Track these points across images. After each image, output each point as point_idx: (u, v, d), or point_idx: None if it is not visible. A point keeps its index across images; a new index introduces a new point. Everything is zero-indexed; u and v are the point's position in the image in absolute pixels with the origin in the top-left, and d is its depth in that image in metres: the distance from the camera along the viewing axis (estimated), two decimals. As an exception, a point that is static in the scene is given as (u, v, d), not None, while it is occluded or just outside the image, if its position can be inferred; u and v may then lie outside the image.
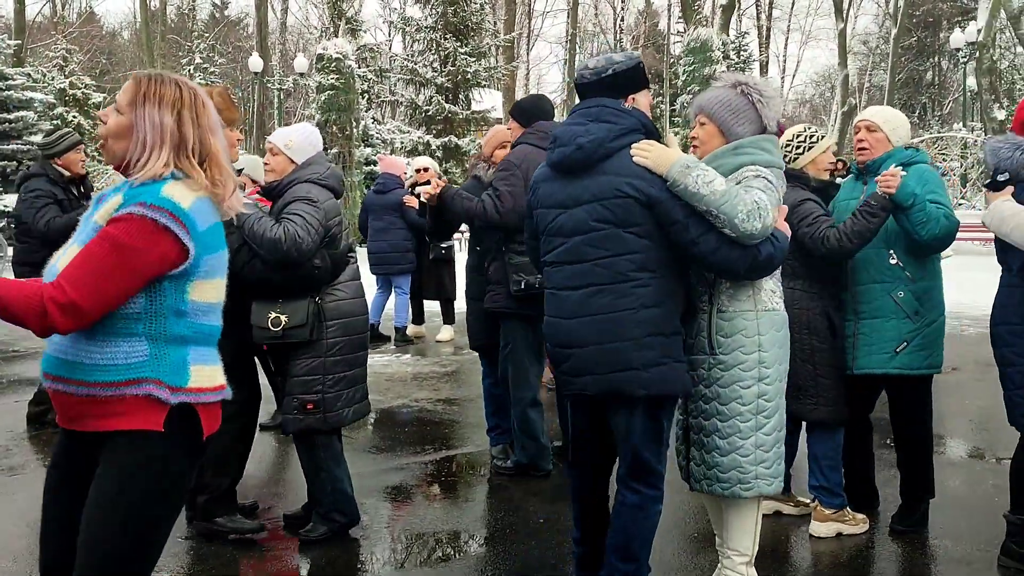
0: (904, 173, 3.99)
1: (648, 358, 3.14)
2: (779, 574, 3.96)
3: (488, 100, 26.06)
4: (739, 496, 3.36)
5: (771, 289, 3.37)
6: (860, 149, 4.29)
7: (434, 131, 24.06)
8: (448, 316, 10.25)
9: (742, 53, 38.31)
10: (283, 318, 4.03)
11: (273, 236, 3.91)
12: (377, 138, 23.57)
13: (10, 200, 16.02)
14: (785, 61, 55.05)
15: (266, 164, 4.32)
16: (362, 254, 22.97)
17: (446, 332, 10.16)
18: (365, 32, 29.52)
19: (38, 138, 21.61)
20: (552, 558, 4.13)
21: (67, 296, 2.13)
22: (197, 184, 2.33)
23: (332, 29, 27.41)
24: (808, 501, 4.50)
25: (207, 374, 2.41)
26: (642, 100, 3.46)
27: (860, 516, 4.39)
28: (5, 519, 4.66)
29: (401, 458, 5.77)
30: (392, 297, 10.10)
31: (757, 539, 3.50)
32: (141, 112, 2.34)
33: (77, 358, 2.27)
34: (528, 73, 49.40)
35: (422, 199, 9.52)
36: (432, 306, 10.52)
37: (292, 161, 4.20)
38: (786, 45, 54.99)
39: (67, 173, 6.19)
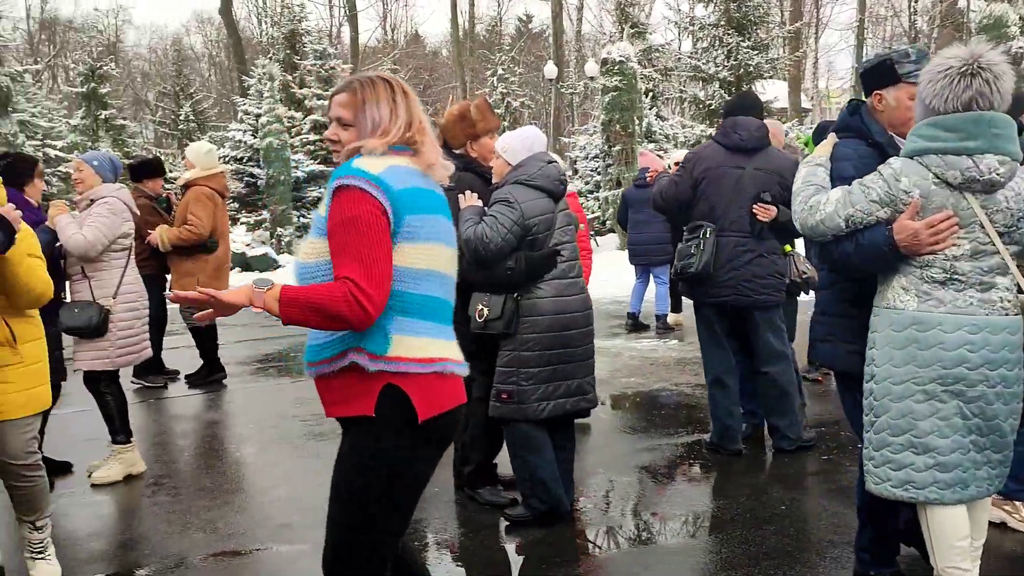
0: None
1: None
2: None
3: (771, 91, 25.02)
4: (869, 488, 3.13)
5: (902, 286, 3.00)
6: None
7: (716, 124, 23.46)
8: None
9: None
10: (485, 310, 4.07)
11: (465, 235, 3.95)
12: (660, 134, 23.36)
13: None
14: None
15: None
16: (605, 242, 22.63)
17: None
18: (651, 34, 29.31)
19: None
20: (788, 545, 3.91)
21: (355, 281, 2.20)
22: (394, 157, 2.36)
23: (618, 33, 27.50)
24: None
25: (412, 344, 2.30)
26: (891, 95, 3.24)
27: None
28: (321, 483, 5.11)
29: (655, 439, 5.70)
30: (652, 287, 10.03)
31: (936, 548, 3.02)
32: (363, 114, 2.42)
33: (314, 341, 2.36)
34: (816, 61, 46.95)
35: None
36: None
37: (508, 164, 4.21)
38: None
39: None
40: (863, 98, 3.35)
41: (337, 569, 2.39)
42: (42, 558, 3.75)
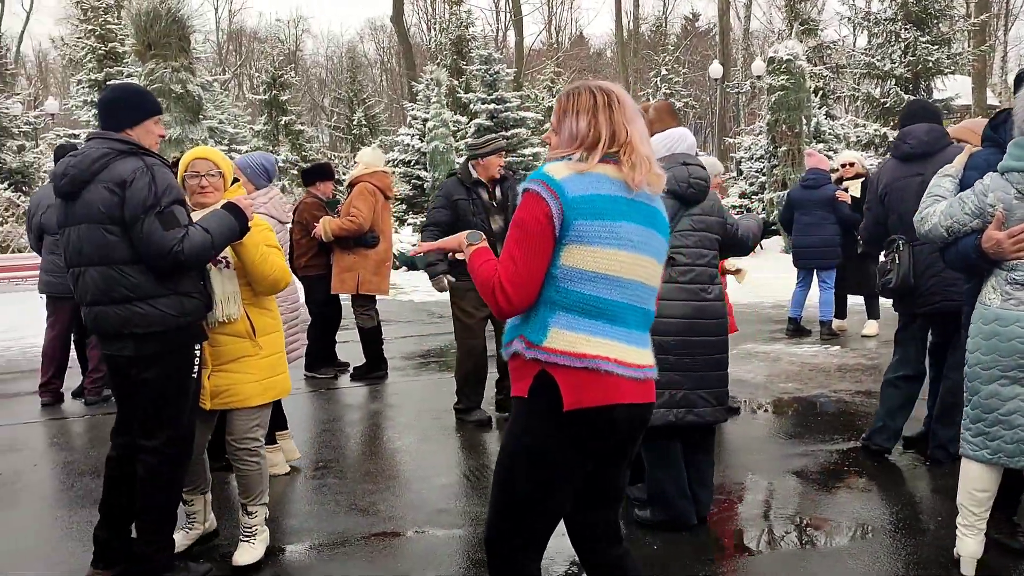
0: None
1: None
2: None
3: (953, 87, 23.74)
4: (964, 453, 3.64)
5: (992, 285, 3.48)
6: None
7: (891, 123, 22.49)
8: (872, 311, 9.67)
9: None
10: None
11: None
12: (830, 134, 22.61)
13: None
14: None
15: None
16: (769, 245, 21.97)
17: (871, 327, 9.59)
18: (823, 30, 28.36)
19: (528, 151, 23.89)
20: (942, 556, 3.82)
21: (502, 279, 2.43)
22: (592, 164, 2.46)
23: (788, 30, 26.77)
24: None
25: (568, 338, 2.41)
26: None
27: None
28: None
29: (809, 445, 5.63)
30: (814, 291, 9.75)
31: (968, 500, 3.60)
32: (566, 124, 2.53)
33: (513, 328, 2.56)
34: (1006, 55, 44.07)
35: (852, 193, 9.09)
36: (854, 300, 10.01)
37: None
38: None
39: (474, 175, 6.24)
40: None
41: (492, 548, 2.55)
42: (246, 540, 4.01)
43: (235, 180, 4.08)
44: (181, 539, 4.07)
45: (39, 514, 4.79)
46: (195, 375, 3.68)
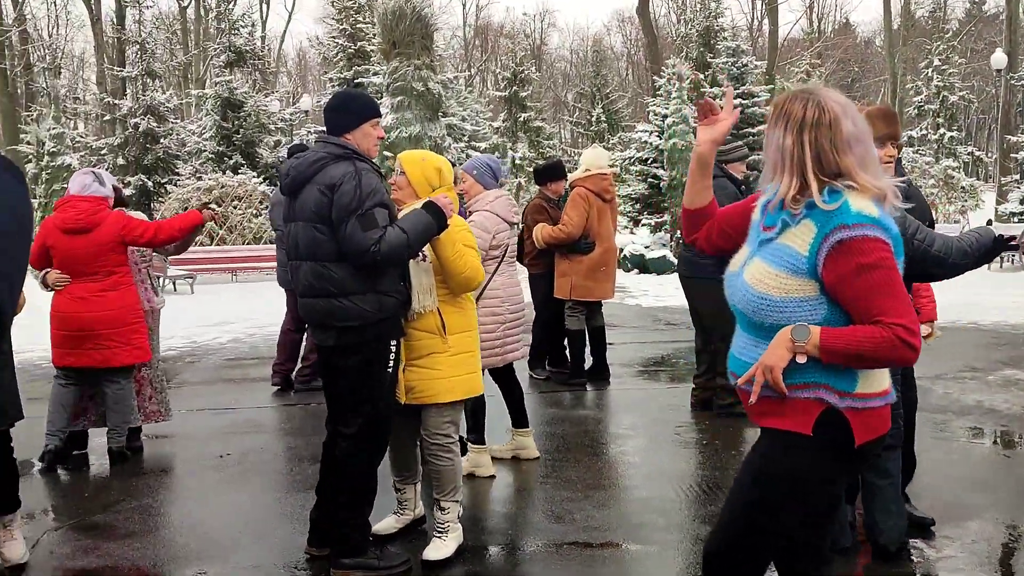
0: None
1: None
2: None
3: None
4: None
5: None
6: None
7: None
8: None
9: None
10: None
11: None
12: None
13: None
14: None
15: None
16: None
17: None
18: None
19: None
20: None
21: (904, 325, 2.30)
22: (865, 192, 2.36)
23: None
24: None
25: (876, 378, 2.42)
26: None
27: None
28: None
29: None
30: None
31: None
32: (772, 133, 2.45)
33: (753, 361, 2.49)
34: None
35: None
36: None
37: None
38: None
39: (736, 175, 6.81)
40: None
41: (716, 563, 2.58)
42: (438, 536, 4.29)
43: (453, 181, 4.40)
44: (393, 522, 4.56)
45: (260, 495, 5.31)
46: (390, 368, 4.01)
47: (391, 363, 4.02)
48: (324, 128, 4.11)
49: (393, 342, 4.02)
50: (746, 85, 24.92)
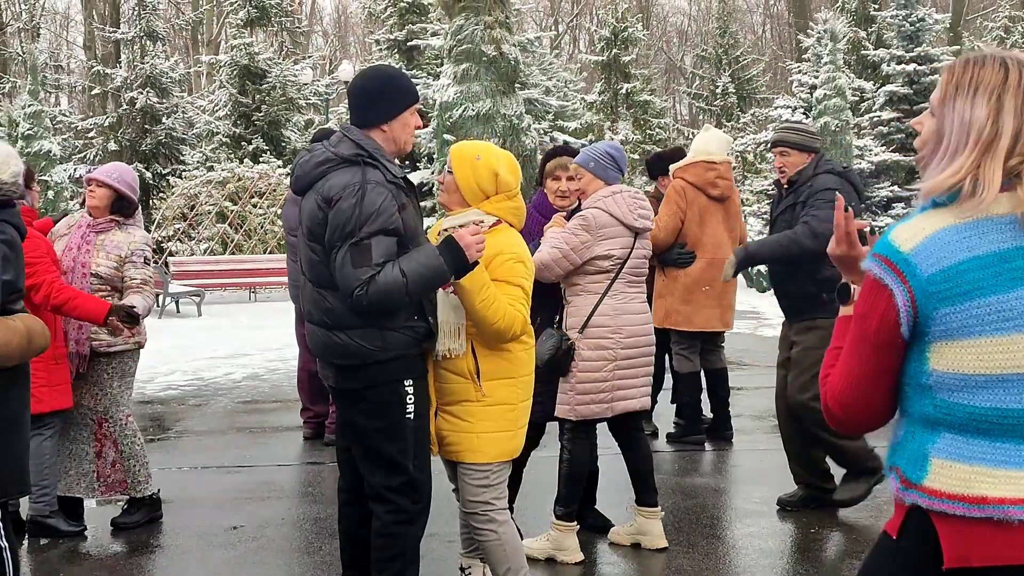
0: None
1: None
2: None
3: None
4: None
5: None
6: None
7: None
8: None
9: None
10: None
11: None
12: None
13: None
14: None
15: None
16: None
17: None
18: None
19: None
20: None
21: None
22: (972, 207, 2.20)
23: None
24: None
25: (957, 475, 2.27)
26: None
27: None
28: None
29: None
30: None
31: None
32: (950, 109, 2.29)
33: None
34: None
35: None
36: None
37: None
38: None
39: None
40: None
41: None
42: None
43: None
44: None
45: (278, 579, 5.39)
46: (409, 416, 4.03)
47: (409, 409, 4.04)
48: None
49: (408, 382, 4.03)
50: (922, 46, 24.51)
